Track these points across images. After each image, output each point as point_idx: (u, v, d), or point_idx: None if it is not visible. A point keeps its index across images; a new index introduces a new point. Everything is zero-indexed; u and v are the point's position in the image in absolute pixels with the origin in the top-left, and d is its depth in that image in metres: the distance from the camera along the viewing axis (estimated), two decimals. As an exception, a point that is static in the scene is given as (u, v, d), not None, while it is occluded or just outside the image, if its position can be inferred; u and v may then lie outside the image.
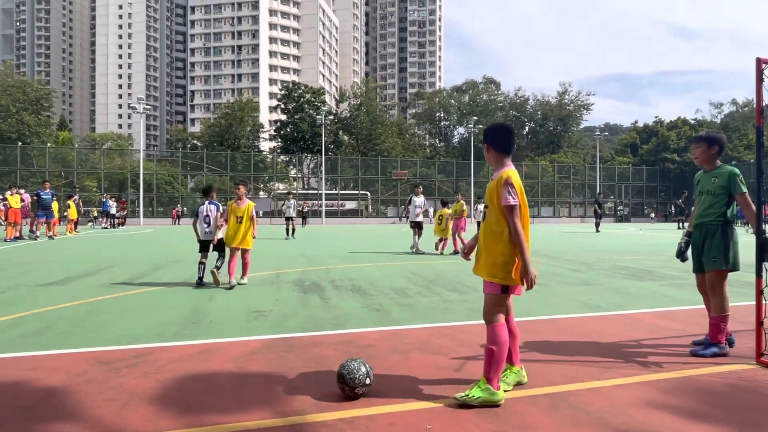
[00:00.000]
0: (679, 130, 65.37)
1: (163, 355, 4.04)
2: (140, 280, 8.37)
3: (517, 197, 3.03)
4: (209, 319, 5.39)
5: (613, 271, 9.85)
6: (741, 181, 4.02)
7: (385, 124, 70.70)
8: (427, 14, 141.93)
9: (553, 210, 62.53)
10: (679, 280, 8.51)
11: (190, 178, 59.44)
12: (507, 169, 3.13)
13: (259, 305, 6.17)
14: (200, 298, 6.65)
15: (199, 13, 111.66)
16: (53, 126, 74.90)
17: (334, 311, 5.84)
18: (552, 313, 5.79)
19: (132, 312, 5.78)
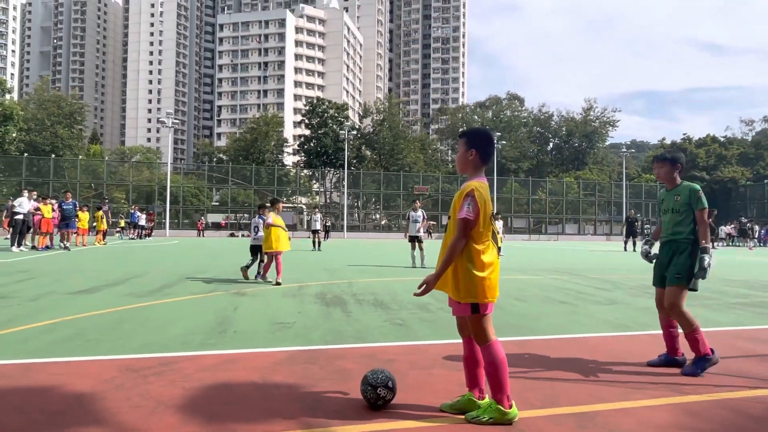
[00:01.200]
0: (709, 147, 64.15)
1: (189, 364, 4.09)
2: (167, 290, 8.49)
3: (473, 212, 2.85)
4: (234, 330, 5.44)
5: (639, 290, 9.60)
6: (701, 197, 4.10)
7: (408, 139, 70.90)
8: (451, 31, 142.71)
9: (579, 227, 61.53)
10: (708, 300, 8.28)
11: (215, 190, 60.31)
12: (476, 180, 2.97)
13: (283, 317, 6.22)
14: (225, 309, 6.74)
15: (228, 30, 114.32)
16: (85, 139, 76.96)
17: (356, 325, 5.84)
18: (578, 332, 5.73)
19: (159, 321, 5.87)
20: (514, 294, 8.62)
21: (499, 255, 21.09)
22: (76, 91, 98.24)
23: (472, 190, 2.89)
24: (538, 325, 5.97)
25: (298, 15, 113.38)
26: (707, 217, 4.09)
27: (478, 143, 3.03)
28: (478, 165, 3.03)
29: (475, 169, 3.04)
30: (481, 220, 2.89)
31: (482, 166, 3.05)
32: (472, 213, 2.85)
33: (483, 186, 2.95)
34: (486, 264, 2.91)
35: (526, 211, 60.16)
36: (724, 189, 61.17)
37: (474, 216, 2.86)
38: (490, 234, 2.97)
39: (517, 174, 67.07)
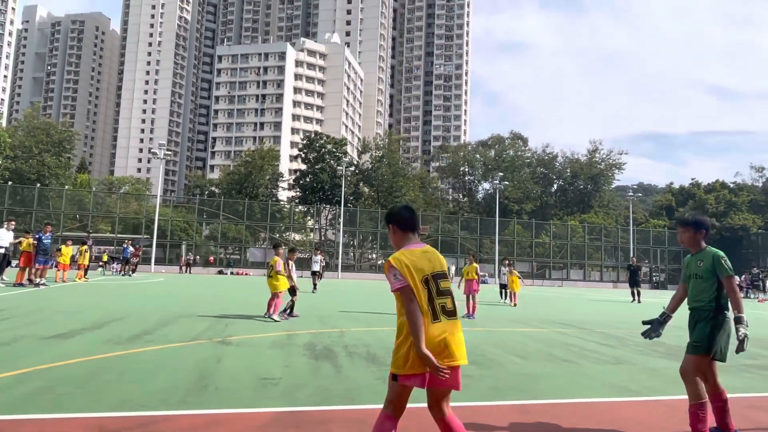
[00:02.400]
0: (718, 193, 62.53)
1: (167, 426, 3.94)
2: (148, 336, 8.12)
3: (402, 278, 2.95)
4: (216, 386, 5.18)
5: (647, 347, 9.04)
6: (726, 264, 3.97)
7: (407, 176, 69.05)
8: (453, 68, 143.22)
9: (584, 273, 59.19)
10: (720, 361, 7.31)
11: (206, 225, 57.84)
12: (399, 250, 3.09)
13: (268, 371, 5.94)
14: (208, 360, 6.40)
15: (226, 62, 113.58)
16: (73, 168, 74.65)
17: (347, 382, 5.55)
18: (580, 396, 5.52)
19: (137, 373, 5.60)
20: (515, 350, 8.26)
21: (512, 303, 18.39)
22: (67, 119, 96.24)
23: (388, 261, 3.03)
24: (539, 387, 5.79)
25: (298, 48, 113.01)
26: (732, 284, 3.97)
27: (390, 218, 3.22)
28: (400, 236, 3.17)
29: (398, 241, 3.18)
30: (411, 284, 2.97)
31: (404, 234, 3.17)
32: (402, 280, 2.94)
33: (404, 253, 3.05)
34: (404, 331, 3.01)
35: (530, 255, 57.93)
36: (735, 237, 59.21)
37: (405, 283, 2.95)
38: (422, 298, 2.96)
39: (520, 216, 64.96)
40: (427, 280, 2.99)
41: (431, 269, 3.02)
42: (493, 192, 68.07)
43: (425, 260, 3.04)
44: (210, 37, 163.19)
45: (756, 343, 10.23)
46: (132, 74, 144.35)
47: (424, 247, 3.12)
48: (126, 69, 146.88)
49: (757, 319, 17.06)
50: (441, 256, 3.18)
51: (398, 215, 3.21)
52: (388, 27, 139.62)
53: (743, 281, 37.76)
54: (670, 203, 66.82)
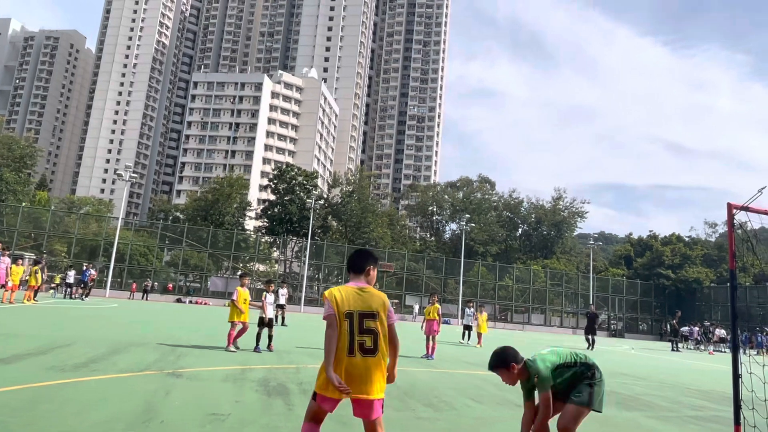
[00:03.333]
0: (674, 246, 64.79)
1: None
2: (95, 364, 7.84)
3: (330, 309, 3.36)
4: (161, 419, 5.00)
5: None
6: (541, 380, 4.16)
7: (376, 213, 69.34)
8: (427, 110, 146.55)
9: (545, 318, 59.91)
10: (667, 411, 8.19)
11: (167, 251, 56.50)
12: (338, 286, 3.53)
13: (218, 406, 5.74)
14: (155, 392, 6.14)
15: (202, 88, 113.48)
16: (32, 185, 72.37)
17: (297, 421, 5.19)
18: None
19: (80, 403, 5.38)
20: (471, 393, 8.16)
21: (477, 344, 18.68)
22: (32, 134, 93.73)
23: (323, 295, 3.51)
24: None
25: (275, 80, 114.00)
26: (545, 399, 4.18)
27: (347, 261, 3.71)
28: (350, 275, 3.63)
29: (350, 277, 3.63)
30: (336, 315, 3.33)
31: (350, 273, 3.63)
32: (329, 309, 3.38)
33: (339, 288, 3.46)
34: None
35: (492, 297, 58.48)
36: (689, 289, 61.17)
37: (331, 312, 3.37)
38: (343, 331, 3.31)
39: (484, 258, 65.81)
40: (351, 315, 3.32)
41: (359, 307, 3.36)
42: (459, 233, 68.96)
43: (356, 298, 3.40)
44: (187, 62, 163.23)
45: (701, 395, 10.56)
46: (104, 94, 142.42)
47: (365, 287, 3.48)
48: (98, 88, 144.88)
49: (705, 371, 17.54)
50: (379, 299, 3.47)
51: (349, 259, 3.68)
52: (366, 66, 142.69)
53: (697, 334, 38.79)
54: (629, 253, 68.82)
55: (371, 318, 3.37)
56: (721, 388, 12.18)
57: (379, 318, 3.41)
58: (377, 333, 3.35)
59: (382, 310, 3.45)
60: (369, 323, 3.35)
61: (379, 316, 3.41)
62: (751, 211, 3.39)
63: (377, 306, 3.44)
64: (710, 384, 13.06)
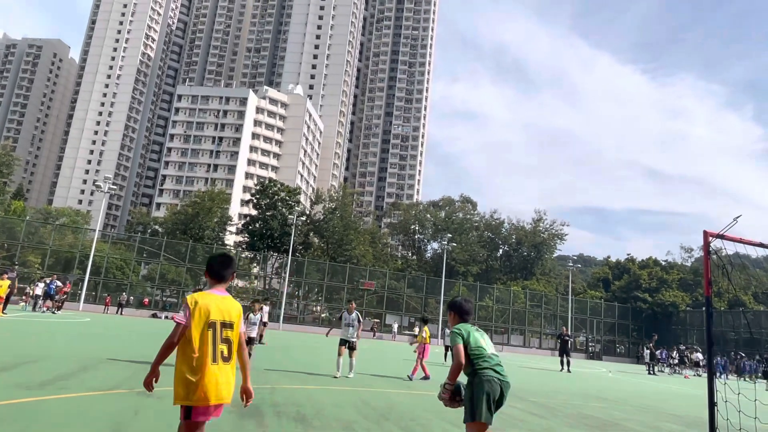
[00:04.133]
0: (651, 270, 65.69)
1: None
2: (62, 381, 7.56)
3: (185, 317, 3.35)
4: None
5: (576, 419, 9.22)
6: (451, 335, 4.47)
7: (358, 230, 69.19)
8: (411, 130, 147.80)
9: (524, 339, 60.00)
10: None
11: (144, 265, 55.54)
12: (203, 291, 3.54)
13: None
14: (124, 412, 5.96)
15: (186, 101, 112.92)
16: (8, 194, 70.86)
17: None
18: None
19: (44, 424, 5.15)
20: (448, 416, 7.90)
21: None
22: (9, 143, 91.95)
23: (185, 298, 3.47)
24: None
25: (261, 96, 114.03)
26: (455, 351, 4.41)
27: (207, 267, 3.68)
28: (210, 281, 3.65)
29: (209, 284, 3.66)
30: (195, 324, 3.35)
31: (210, 280, 3.65)
32: (184, 318, 3.36)
33: (202, 295, 3.47)
34: (195, 368, 3.32)
35: (473, 318, 58.49)
36: (666, 313, 61.92)
37: (184, 321, 3.35)
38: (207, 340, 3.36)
39: (465, 277, 65.94)
40: (213, 325, 3.43)
41: (221, 317, 3.47)
42: (441, 252, 69.09)
43: (219, 308, 3.49)
44: (172, 75, 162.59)
45: (677, 420, 10.62)
46: (86, 104, 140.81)
47: (227, 296, 3.59)
48: (80, 98, 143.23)
49: (680, 396, 17.65)
50: (236, 309, 3.62)
51: (209, 263, 3.69)
52: (351, 84, 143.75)
53: (675, 357, 39.09)
54: (607, 276, 69.58)
55: (229, 328, 3.50)
56: (696, 413, 12.27)
57: (235, 327, 3.55)
58: (232, 342, 3.50)
59: (237, 319, 3.59)
60: (227, 333, 3.48)
61: (235, 325, 3.55)
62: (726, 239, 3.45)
63: (235, 316, 3.57)
64: (686, 408, 13.16)
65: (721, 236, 3.43)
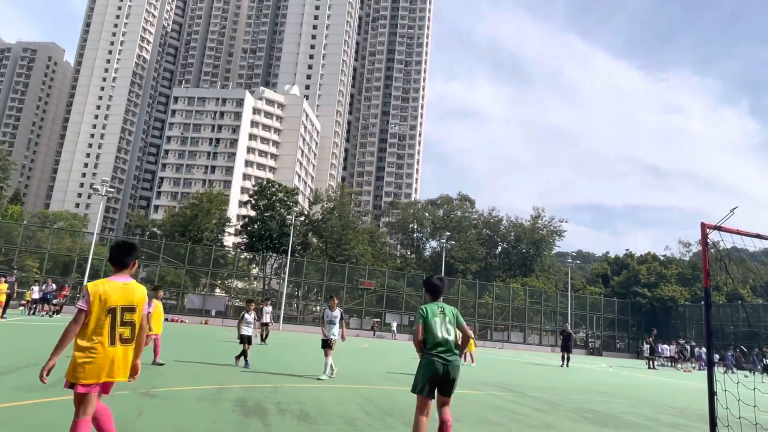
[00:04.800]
0: (650, 265, 65.77)
1: None
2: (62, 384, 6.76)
3: (86, 304, 3.62)
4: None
5: (578, 413, 9.26)
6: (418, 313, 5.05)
7: (357, 230, 69.14)
8: (408, 129, 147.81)
9: (524, 336, 60.06)
10: (645, 429, 8.12)
11: (143, 267, 55.42)
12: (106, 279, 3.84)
13: (192, 427, 5.56)
14: (128, 413, 5.87)
15: (182, 103, 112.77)
16: (5, 198, 70.70)
17: None
18: None
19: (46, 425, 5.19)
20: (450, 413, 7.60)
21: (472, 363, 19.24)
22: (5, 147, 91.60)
23: (86, 285, 3.73)
24: None
25: (257, 97, 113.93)
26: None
27: (109, 254, 3.99)
28: (113, 269, 3.90)
29: (113, 271, 3.90)
30: (94, 310, 3.63)
31: (114, 268, 3.89)
32: (84, 305, 3.64)
33: (103, 282, 3.76)
34: (84, 348, 3.61)
35: (472, 315, 58.48)
36: (665, 307, 62.06)
37: (85, 308, 3.63)
38: (105, 324, 3.64)
39: (464, 275, 65.97)
40: (114, 310, 3.69)
41: (122, 302, 3.74)
42: (439, 250, 69.09)
43: (120, 293, 3.75)
44: (168, 77, 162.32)
45: (678, 413, 10.68)
46: (81, 107, 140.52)
47: (128, 282, 3.86)
48: (76, 101, 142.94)
49: (681, 389, 17.70)
50: (139, 293, 3.88)
51: (110, 251, 4.00)
52: (348, 84, 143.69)
53: (674, 352, 39.12)
54: (606, 272, 69.67)
55: (131, 311, 3.77)
56: (696, 405, 12.38)
57: (138, 311, 3.82)
58: (134, 324, 3.78)
59: (140, 303, 3.86)
60: (129, 316, 3.75)
61: (137, 309, 3.81)
62: (723, 230, 3.47)
63: (138, 300, 3.83)
64: (685, 402, 13.22)
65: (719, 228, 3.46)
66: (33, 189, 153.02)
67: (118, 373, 3.71)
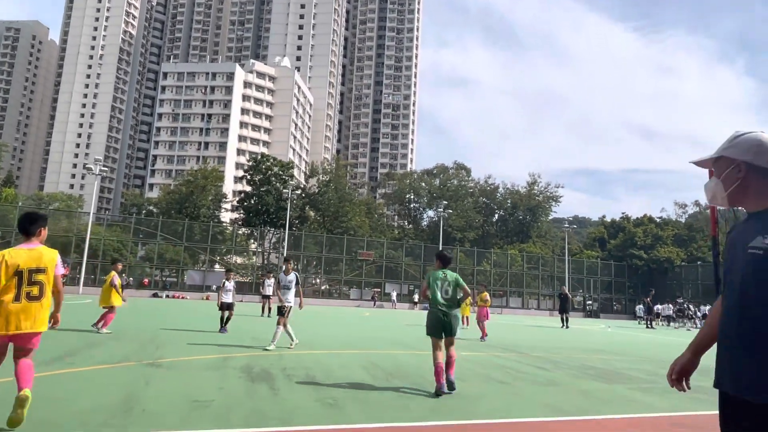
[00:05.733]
0: (646, 227, 66.07)
1: None
2: (70, 358, 7.72)
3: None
4: (142, 408, 4.91)
5: (580, 371, 9.52)
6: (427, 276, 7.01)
7: (354, 202, 69.08)
8: (402, 98, 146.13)
9: (522, 301, 60.72)
10: (647, 383, 8.42)
11: (141, 245, 55.46)
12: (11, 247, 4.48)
13: (201, 393, 5.66)
14: (135, 382, 6.00)
15: (171, 79, 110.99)
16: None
17: (283, 404, 5.38)
18: (517, 416, 5.60)
19: (56, 395, 5.26)
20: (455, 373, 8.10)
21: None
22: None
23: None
24: (477, 408, 5.89)
25: (248, 70, 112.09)
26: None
27: (17, 225, 4.47)
28: (22, 237, 4.42)
29: (22, 240, 4.43)
30: (2, 274, 4.15)
31: (23, 237, 4.42)
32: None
33: (10, 251, 4.28)
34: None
35: (471, 282, 58.92)
36: (661, 269, 62.62)
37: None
38: (11, 285, 4.17)
39: (462, 244, 66.27)
40: (21, 273, 4.20)
41: (29, 265, 4.24)
42: (437, 220, 69.18)
43: (27, 257, 4.25)
44: (156, 53, 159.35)
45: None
46: (70, 86, 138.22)
47: (36, 247, 4.36)
48: (63, 81, 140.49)
49: (680, 346, 17.99)
50: (48, 256, 4.36)
51: (18, 222, 4.59)
52: (339, 54, 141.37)
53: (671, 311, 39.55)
54: (603, 235, 69.99)
55: (40, 272, 4.26)
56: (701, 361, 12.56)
57: (48, 271, 4.31)
58: (44, 284, 4.27)
59: (50, 265, 4.34)
60: (37, 276, 4.24)
61: (47, 269, 4.30)
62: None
63: (47, 262, 4.32)
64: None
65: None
66: (26, 171, 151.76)
67: (25, 326, 4.19)
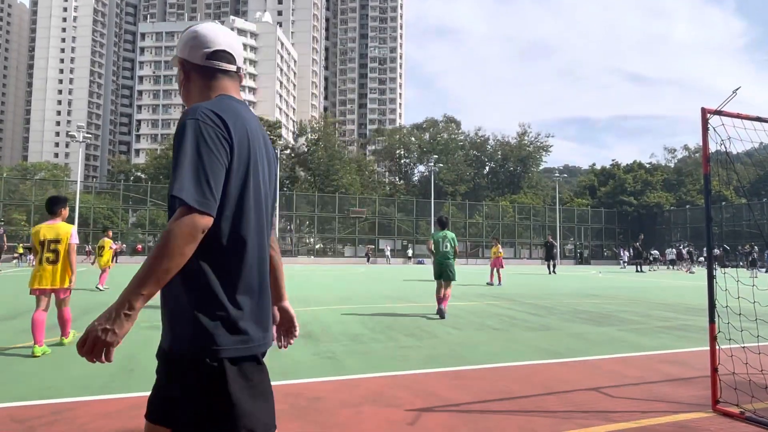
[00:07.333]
0: (635, 173, 66.35)
1: (86, 411, 3.79)
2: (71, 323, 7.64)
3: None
4: (143, 368, 5.04)
5: (572, 315, 9.72)
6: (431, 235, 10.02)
7: (344, 160, 68.63)
8: (388, 51, 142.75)
9: (515, 251, 61.46)
10: (638, 324, 8.61)
11: (132, 212, 55.20)
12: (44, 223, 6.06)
13: None
14: (133, 345, 6.05)
15: (150, 40, 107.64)
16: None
17: (283, 359, 5.48)
18: (512, 360, 5.75)
19: (56, 361, 5.44)
20: (450, 322, 8.59)
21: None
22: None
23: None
24: (473, 355, 5.99)
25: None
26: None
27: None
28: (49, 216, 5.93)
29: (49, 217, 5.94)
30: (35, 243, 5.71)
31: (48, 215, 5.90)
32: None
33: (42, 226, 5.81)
34: (35, 268, 5.79)
35: (464, 234, 59.45)
36: (651, 214, 63.34)
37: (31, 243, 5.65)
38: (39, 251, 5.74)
39: (454, 197, 66.44)
40: (43, 242, 5.70)
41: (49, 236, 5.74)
42: (428, 174, 69.06)
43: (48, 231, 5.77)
44: (131, 13, 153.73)
45: (668, 308, 11.15)
46: (44, 51, 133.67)
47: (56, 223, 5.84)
48: (38, 46, 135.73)
49: (668, 288, 18.39)
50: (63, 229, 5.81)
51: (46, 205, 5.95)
52: (322, 8, 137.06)
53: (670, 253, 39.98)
54: (593, 183, 70.28)
55: (56, 242, 5.72)
56: (686, 301, 12.91)
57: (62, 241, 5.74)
58: (58, 251, 5.72)
59: (64, 237, 5.77)
60: (53, 245, 5.70)
61: (61, 240, 5.74)
62: (724, 115, 3.38)
63: (62, 234, 5.77)
64: (674, 299, 13.75)
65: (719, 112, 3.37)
66: (7, 141, 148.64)
67: (46, 283, 5.68)
